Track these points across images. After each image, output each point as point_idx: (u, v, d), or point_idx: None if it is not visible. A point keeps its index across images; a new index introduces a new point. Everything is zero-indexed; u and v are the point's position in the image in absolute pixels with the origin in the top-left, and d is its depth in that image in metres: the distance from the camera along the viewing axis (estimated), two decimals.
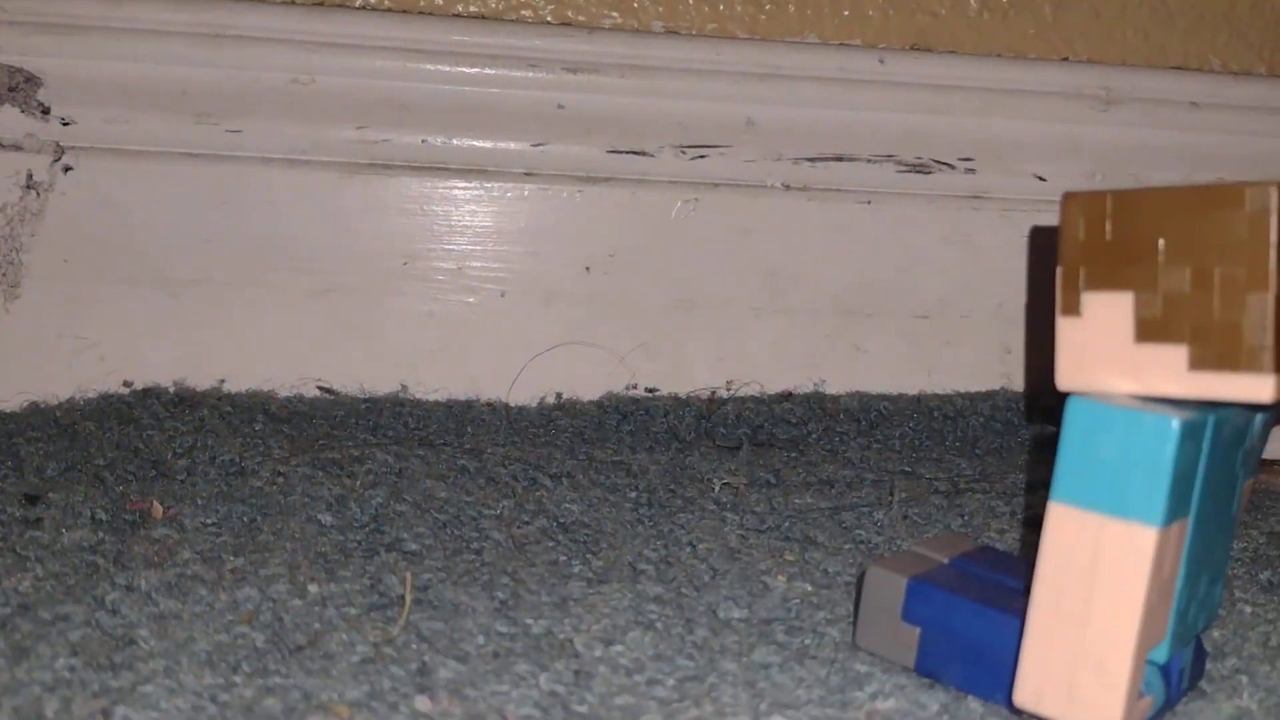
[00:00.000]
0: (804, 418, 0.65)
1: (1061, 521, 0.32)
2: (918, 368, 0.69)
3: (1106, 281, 0.33)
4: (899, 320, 0.68)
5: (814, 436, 0.65)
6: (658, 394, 0.66)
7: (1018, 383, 0.69)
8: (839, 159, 0.67)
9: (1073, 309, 0.34)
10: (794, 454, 0.63)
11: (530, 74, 0.64)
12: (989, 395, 0.69)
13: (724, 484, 0.57)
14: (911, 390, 0.68)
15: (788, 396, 0.66)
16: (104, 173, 0.61)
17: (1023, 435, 0.67)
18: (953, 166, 0.68)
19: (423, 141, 0.64)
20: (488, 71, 0.63)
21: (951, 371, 0.69)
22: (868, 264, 0.67)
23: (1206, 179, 0.69)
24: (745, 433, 0.65)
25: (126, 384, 0.62)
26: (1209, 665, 0.40)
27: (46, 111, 0.61)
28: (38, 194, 0.61)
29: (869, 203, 0.67)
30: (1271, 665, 0.40)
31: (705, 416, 0.64)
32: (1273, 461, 0.67)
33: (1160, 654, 0.33)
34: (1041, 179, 0.68)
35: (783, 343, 0.67)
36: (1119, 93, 0.69)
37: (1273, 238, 0.30)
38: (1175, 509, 0.31)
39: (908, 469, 0.61)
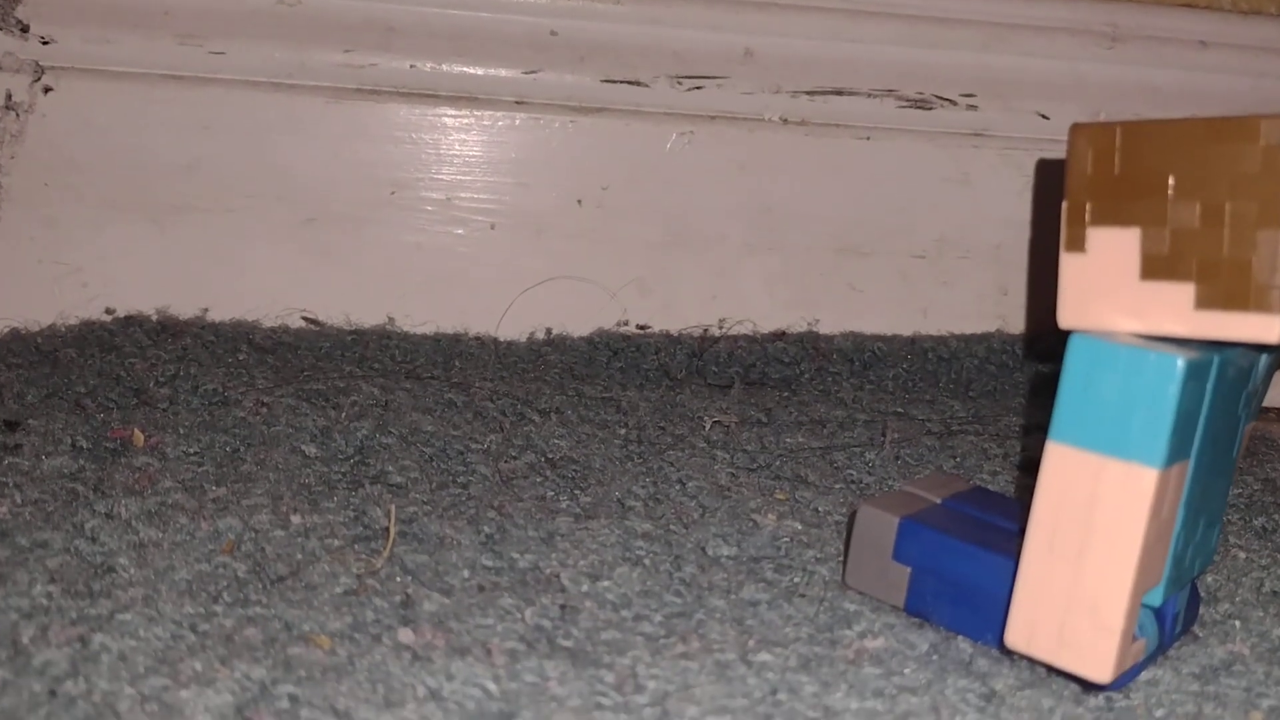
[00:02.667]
0: (797, 357, 0.65)
1: (1059, 461, 0.32)
2: (913, 308, 0.68)
3: (1113, 217, 0.32)
4: (895, 260, 0.67)
5: (807, 376, 0.64)
6: (649, 331, 0.65)
7: (1013, 325, 0.69)
8: (838, 93, 0.65)
9: (1077, 245, 0.33)
10: (786, 393, 0.62)
11: None
12: (984, 337, 0.68)
13: (715, 422, 0.56)
14: (906, 331, 0.67)
15: (781, 335, 0.66)
16: (85, 94, 0.60)
17: (1017, 378, 0.67)
18: (954, 103, 0.66)
19: (411, 67, 0.62)
20: None
21: (947, 313, 0.68)
22: (865, 201, 0.66)
23: None
24: (737, 371, 0.64)
25: (108, 311, 0.61)
26: (1202, 610, 0.39)
27: (25, 29, 0.59)
28: (17, 115, 0.59)
29: (868, 138, 0.66)
30: (1264, 611, 0.40)
31: (697, 354, 0.64)
32: (1270, 409, 0.67)
33: (1155, 597, 0.33)
34: (1045, 117, 0.67)
35: (777, 281, 0.66)
36: (1126, 30, 0.67)
37: None
38: (1176, 450, 0.31)
39: (900, 410, 0.61)
